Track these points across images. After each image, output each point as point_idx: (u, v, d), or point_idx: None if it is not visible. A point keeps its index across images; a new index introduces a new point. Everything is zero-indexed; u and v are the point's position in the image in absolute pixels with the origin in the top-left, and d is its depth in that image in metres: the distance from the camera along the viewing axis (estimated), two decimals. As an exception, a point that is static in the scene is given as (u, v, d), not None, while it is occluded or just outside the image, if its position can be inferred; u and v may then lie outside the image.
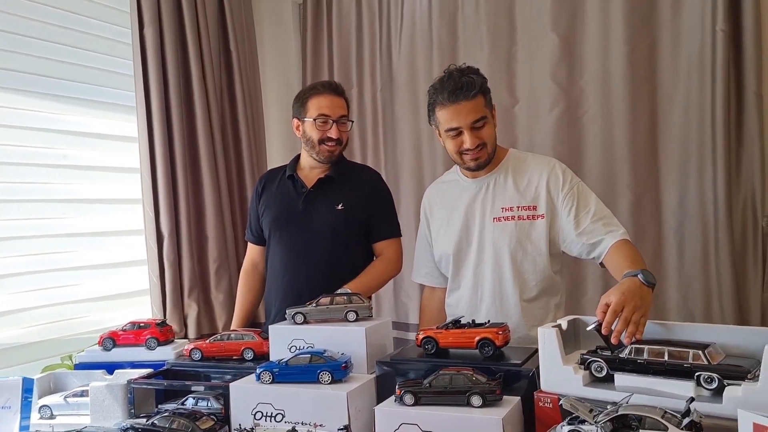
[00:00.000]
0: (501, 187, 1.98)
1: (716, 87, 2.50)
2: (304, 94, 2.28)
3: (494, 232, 1.96)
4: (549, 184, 1.93)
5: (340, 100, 2.25)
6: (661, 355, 1.23)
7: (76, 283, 2.60)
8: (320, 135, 2.21)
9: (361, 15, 3.35)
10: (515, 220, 1.94)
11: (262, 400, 1.49)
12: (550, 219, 1.92)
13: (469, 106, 1.87)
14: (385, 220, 2.30)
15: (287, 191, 2.30)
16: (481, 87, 1.89)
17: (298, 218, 2.24)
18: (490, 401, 1.28)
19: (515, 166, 2.00)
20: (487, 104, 1.91)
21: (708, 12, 2.52)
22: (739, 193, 2.54)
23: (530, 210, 1.93)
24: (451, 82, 1.88)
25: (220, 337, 1.78)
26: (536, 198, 1.94)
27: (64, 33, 2.59)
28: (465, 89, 1.86)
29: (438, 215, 2.10)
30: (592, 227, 1.86)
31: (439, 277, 2.15)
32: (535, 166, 1.99)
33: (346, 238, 2.23)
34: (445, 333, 1.54)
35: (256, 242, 2.41)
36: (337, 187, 2.26)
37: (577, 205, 1.90)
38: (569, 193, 1.92)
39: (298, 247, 2.24)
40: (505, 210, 1.95)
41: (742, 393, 1.10)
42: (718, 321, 2.51)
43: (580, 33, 2.80)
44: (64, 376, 1.87)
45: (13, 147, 2.42)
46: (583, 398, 1.22)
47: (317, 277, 2.19)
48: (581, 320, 1.48)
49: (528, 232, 1.93)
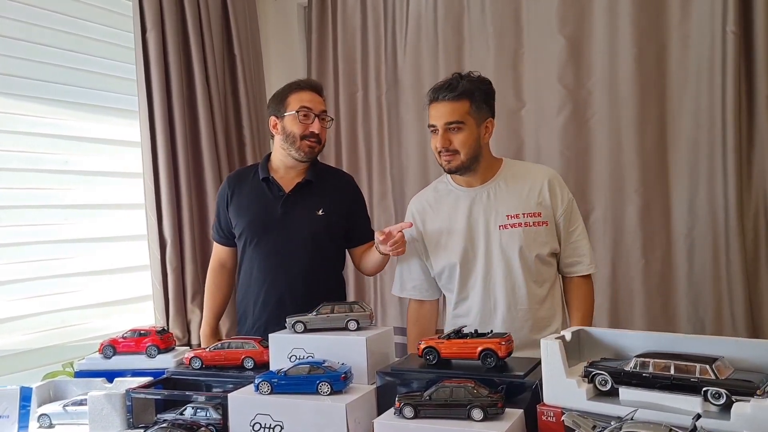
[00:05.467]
0: (502, 195, 1.98)
1: (726, 90, 2.46)
2: (282, 91, 2.23)
3: (502, 239, 1.95)
4: (551, 196, 1.97)
5: (320, 98, 2.22)
6: (667, 369, 1.19)
7: (78, 289, 2.59)
8: (303, 129, 2.15)
9: (366, 17, 3.33)
10: (522, 227, 1.94)
11: (260, 411, 1.46)
12: (551, 227, 1.97)
13: (447, 107, 1.90)
14: (365, 224, 2.28)
15: (262, 195, 2.22)
16: (467, 92, 1.90)
17: (276, 224, 2.18)
18: (492, 414, 1.25)
19: (512, 174, 2.01)
20: (472, 112, 1.91)
21: (718, 13, 2.48)
22: (750, 198, 2.50)
23: (535, 217, 1.95)
24: (442, 82, 1.93)
25: (221, 346, 1.76)
26: (539, 206, 1.96)
27: (66, 37, 2.59)
28: (447, 89, 1.90)
29: (434, 226, 2.06)
30: (574, 247, 2.00)
31: (428, 290, 2.11)
32: (533, 175, 2.01)
33: (326, 244, 2.20)
34: (447, 343, 1.51)
35: (226, 244, 2.33)
36: (316, 191, 2.21)
37: (569, 220, 2.00)
38: (566, 209, 1.99)
39: (279, 254, 2.18)
40: (510, 217, 1.95)
41: (751, 410, 1.06)
42: (729, 329, 2.47)
43: (588, 35, 2.77)
44: (63, 384, 1.85)
45: (15, 152, 2.42)
46: (587, 412, 1.19)
47: (298, 283, 2.16)
48: (585, 331, 1.45)
49: (535, 237, 1.95)
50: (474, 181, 2.01)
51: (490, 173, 2.01)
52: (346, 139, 3.39)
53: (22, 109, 2.44)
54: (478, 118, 1.92)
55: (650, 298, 2.64)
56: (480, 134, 1.94)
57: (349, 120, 3.38)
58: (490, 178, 2.01)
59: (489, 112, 1.96)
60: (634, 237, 2.64)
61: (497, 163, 2.04)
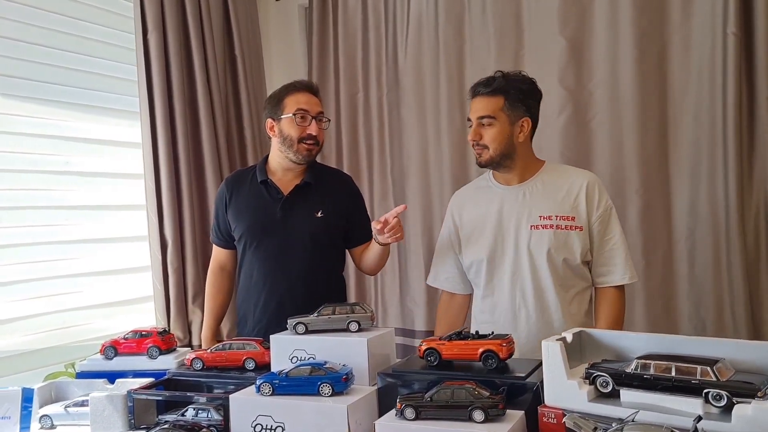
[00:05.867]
0: (538, 195, 1.98)
1: (727, 91, 2.46)
2: (279, 93, 2.22)
3: (531, 239, 1.95)
4: (587, 200, 1.95)
5: (317, 99, 2.21)
6: (668, 371, 1.19)
7: (79, 290, 2.59)
8: (300, 132, 2.14)
9: (367, 18, 3.33)
10: (553, 228, 1.94)
11: (261, 413, 1.47)
12: (585, 232, 1.95)
13: (482, 102, 1.96)
14: (365, 224, 2.26)
15: (261, 197, 2.22)
16: (502, 89, 1.94)
17: (275, 226, 2.18)
18: (493, 416, 1.25)
19: (552, 176, 2.01)
20: (505, 108, 1.94)
21: (719, 15, 2.48)
22: (751, 199, 2.49)
23: (568, 220, 1.94)
24: (481, 78, 1.99)
25: (222, 347, 1.76)
26: (574, 209, 1.95)
27: (67, 38, 2.59)
28: (483, 85, 1.96)
29: (469, 221, 2.09)
30: (607, 256, 1.97)
31: (460, 284, 2.14)
32: (573, 179, 2.00)
33: (325, 245, 2.21)
34: (448, 344, 1.51)
35: (225, 246, 2.33)
36: (314, 193, 2.21)
37: (605, 228, 1.96)
38: (602, 215, 1.96)
39: (278, 256, 2.18)
40: (543, 218, 1.95)
41: (752, 411, 1.06)
42: (730, 330, 2.47)
43: (588, 36, 2.76)
44: (65, 385, 1.86)
45: (16, 154, 2.42)
46: (588, 414, 1.19)
47: (299, 285, 2.16)
48: (587, 333, 1.45)
49: (565, 240, 1.94)
50: (512, 179, 2.02)
51: (529, 173, 2.02)
52: (347, 139, 3.39)
53: (23, 110, 2.44)
54: (511, 116, 1.94)
55: (651, 299, 2.64)
56: (513, 132, 1.96)
57: (350, 121, 3.38)
58: (529, 177, 2.01)
59: (525, 111, 1.96)
60: (635, 238, 2.63)
61: (538, 164, 2.05)
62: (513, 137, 1.96)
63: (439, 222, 3.13)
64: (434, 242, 3.13)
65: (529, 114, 1.98)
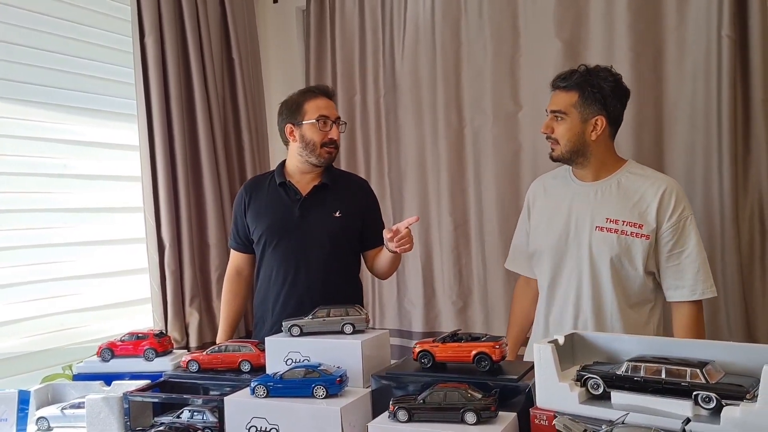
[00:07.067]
0: (610, 196, 1.95)
1: (722, 94, 2.46)
2: (297, 98, 2.27)
3: (594, 240, 1.93)
4: (659, 208, 1.90)
5: (333, 103, 2.29)
6: (658, 373, 1.20)
7: (76, 292, 2.60)
8: (322, 137, 2.22)
9: (365, 21, 3.34)
10: (617, 233, 1.91)
11: (256, 414, 1.48)
12: (652, 242, 1.90)
13: (558, 96, 1.97)
14: (379, 228, 2.29)
15: (280, 199, 2.28)
16: (578, 85, 1.92)
17: (294, 226, 2.23)
18: (485, 418, 1.26)
19: (630, 179, 1.97)
20: (578, 105, 1.93)
21: (714, 18, 2.49)
22: (746, 202, 2.50)
23: (636, 227, 1.90)
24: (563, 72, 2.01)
25: (218, 349, 1.77)
26: (644, 217, 1.90)
27: (65, 42, 2.60)
28: (561, 79, 1.97)
29: (540, 209, 2.10)
30: (678, 269, 1.91)
31: (533, 269, 2.15)
32: (650, 185, 1.94)
33: (342, 246, 2.24)
34: (442, 347, 1.52)
35: (243, 250, 2.37)
36: (332, 194, 2.26)
37: (677, 240, 1.90)
38: (675, 226, 1.90)
39: (297, 255, 2.22)
40: (609, 221, 1.92)
41: (741, 414, 1.07)
42: (724, 332, 2.47)
43: (584, 39, 2.77)
44: (62, 387, 1.87)
45: (14, 157, 2.43)
46: (579, 416, 1.20)
47: (317, 284, 2.20)
48: (579, 335, 1.46)
49: (628, 247, 1.90)
50: (586, 176, 2.01)
51: (605, 172, 1.99)
52: (345, 142, 3.39)
53: (20, 113, 2.44)
54: (584, 113, 1.93)
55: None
56: (585, 130, 1.93)
57: (348, 123, 3.38)
58: (604, 177, 1.98)
59: (601, 109, 1.93)
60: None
61: (617, 163, 2.01)
62: (585, 135, 1.93)
63: (436, 223, 3.14)
64: (431, 244, 3.17)
65: (606, 112, 1.93)
